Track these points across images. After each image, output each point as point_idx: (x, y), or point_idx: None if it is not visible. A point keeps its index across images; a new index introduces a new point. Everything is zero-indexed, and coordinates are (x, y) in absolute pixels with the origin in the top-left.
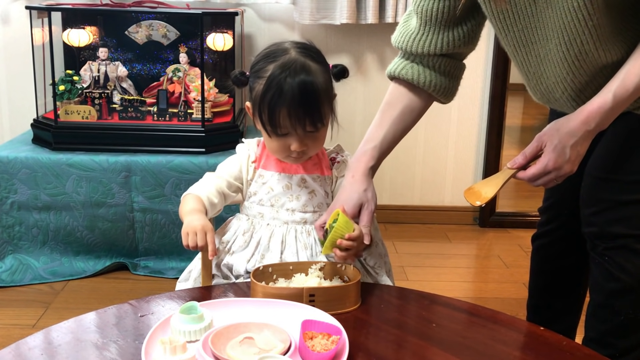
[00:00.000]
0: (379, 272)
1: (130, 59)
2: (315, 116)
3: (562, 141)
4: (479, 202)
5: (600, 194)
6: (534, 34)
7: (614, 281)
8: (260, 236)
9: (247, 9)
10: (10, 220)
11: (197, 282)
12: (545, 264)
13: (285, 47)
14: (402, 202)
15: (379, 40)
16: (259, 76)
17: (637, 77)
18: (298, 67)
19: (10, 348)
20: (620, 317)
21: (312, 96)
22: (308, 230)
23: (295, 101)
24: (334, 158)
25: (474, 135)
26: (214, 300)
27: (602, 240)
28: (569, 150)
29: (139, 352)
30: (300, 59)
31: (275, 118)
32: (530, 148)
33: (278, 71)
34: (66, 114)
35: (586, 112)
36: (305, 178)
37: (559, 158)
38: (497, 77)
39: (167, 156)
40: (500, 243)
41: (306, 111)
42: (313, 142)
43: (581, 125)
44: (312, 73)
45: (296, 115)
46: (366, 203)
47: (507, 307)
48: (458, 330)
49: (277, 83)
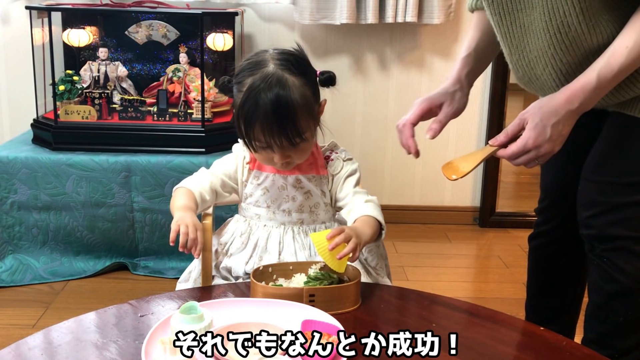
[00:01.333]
0: (380, 273)
1: (130, 59)
2: (291, 132)
3: (543, 119)
4: (454, 176)
5: (598, 197)
6: (519, 1)
7: (613, 283)
8: (257, 237)
9: (247, 9)
10: (10, 220)
11: (197, 282)
12: (541, 263)
13: (265, 59)
14: (402, 202)
15: (379, 40)
16: (239, 89)
17: (622, 57)
18: (274, 82)
19: (10, 348)
20: (620, 319)
21: (286, 112)
22: (305, 231)
23: (268, 117)
24: (329, 156)
25: (474, 135)
26: (214, 300)
27: (600, 242)
28: (549, 129)
29: (139, 352)
30: (277, 72)
31: (250, 133)
32: (512, 126)
33: (254, 85)
34: (66, 114)
35: (569, 91)
36: (301, 179)
37: (539, 136)
38: (497, 77)
39: (167, 156)
40: (500, 243)
41: (280, 127)
42: (296, 153)
43: (564, 104)
44: (289, 87)
45: (270, 132)
46: (447, 102)
47: (507, 307)
48: (458, 330)
49: (252, 97)
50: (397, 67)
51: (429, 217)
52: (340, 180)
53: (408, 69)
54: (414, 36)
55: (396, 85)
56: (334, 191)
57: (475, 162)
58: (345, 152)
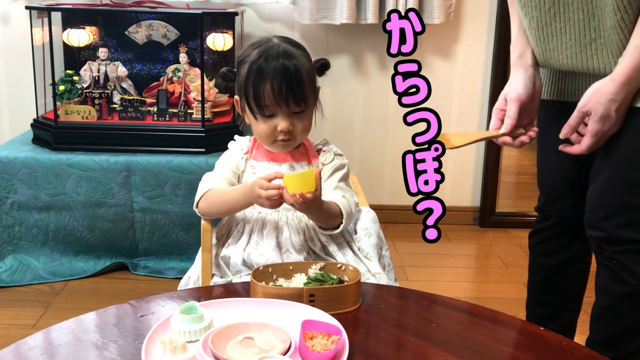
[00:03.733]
0: (372, 260)
1: (130, 59)
2: (298, 94)
3: (606, 108)
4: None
5: (609, 199)
6: None
7: (622, 284)
8: (252, 225)
9: (247, 9)
10: (10, 220)
11: (197, 284)
12: (540, 260)
13: (269, 38)
14: (402, 202)
15: (379, 40)
16: (243, 62)
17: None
18: (280, 51)
19: (10, 348)
20: (628, 320)
21: (294, 74)
22: (299, 217)
23: (277, 77)
24: (320, 149)
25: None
26: (214, 300)
27: (610, 244)
28: (614, 113)
29: (139, 352)
30: (282, 44)
31: (260, 96)
32: (574, 119)
33: (261, 54)
34: (66, 114)
35: (623, 74)
36: (294, 165)
37: (605, 124)
38: (497, 77)
39: (167, 156)
40: (500, 243)
41: (288, 87)
42: (300, 122)
43: (622, 87)
44: (295, 56)
45: (279, 92)
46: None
47: (507, 307)
48: (458, 330)
49: (260, 64)
50: None
51: None
52: (328, 170)
53: None
54: None
55: None
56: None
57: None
58: (337, 149)
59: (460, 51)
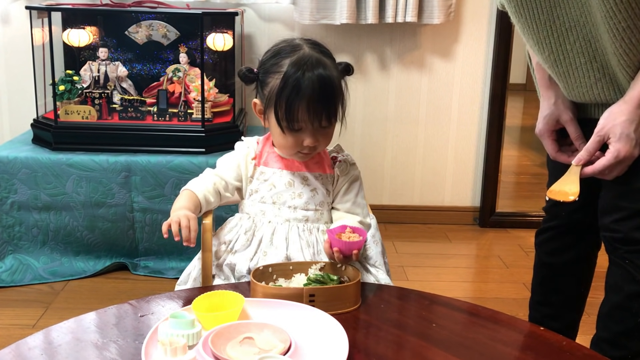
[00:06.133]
0: (380, 268)
1: (130, 59)
2: (331, 111)
3: (624, 130)
4: (572, 197)
5: (622, 202)
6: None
7: (634, 283)
8: (262, 234)
9: (247, 9)
10: (10, 220)
11: (197, 282)
12: (545, 258)
13: (297, 43)
14: (402, 202)
15: (379, 40)
16: (274, 71)
17: None
18: (314, 62)
19: (10, 348)
20: (637, 319)
21: (330, 91)
22: (310, 229)
23: (315, 95)
24: (335, 157)
25: (474, 136)
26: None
27: (624, 244)
28: (633, 134)
29: (139, 352)
30: (314, 54)
31: (293, 113)
32: (592, 143)
33: (295, 66)
34: (66, 114)
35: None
36: (307, 176)
37: (626, 145)
38: (497, 78)
39: (167, 156)
40: (500, 243)
41: (324, 105)
42: (324, 137)
43: (636, 109)
44: (328, 68)
45: (314, 110)
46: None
47: (507, 307)
48: (458, 330)
49: (295, 78)
50: (397, 67)
51: (429, 217)
52: (343, 182)
53: (408, 69)
54: (414, 36)
55: (396, 85)
56: (336, 191)
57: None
58: (351, 157)
59: (460, 51)
